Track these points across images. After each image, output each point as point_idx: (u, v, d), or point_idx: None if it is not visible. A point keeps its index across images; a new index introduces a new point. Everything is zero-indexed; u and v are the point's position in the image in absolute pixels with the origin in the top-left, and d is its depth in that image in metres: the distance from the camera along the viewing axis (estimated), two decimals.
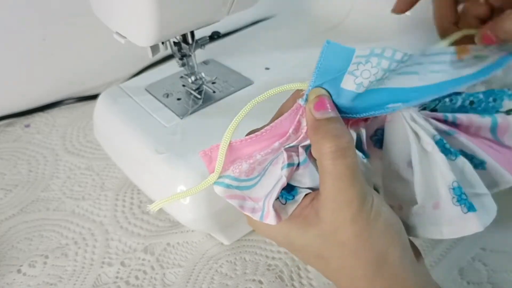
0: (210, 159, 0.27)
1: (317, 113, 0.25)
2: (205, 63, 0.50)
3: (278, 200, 0.27)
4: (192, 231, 0.43)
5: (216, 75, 0.48)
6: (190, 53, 0.44)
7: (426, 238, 0.29)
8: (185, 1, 0.36)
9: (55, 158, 0.54)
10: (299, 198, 0.27)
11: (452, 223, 0.28)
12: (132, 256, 0.41)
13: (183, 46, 0.43)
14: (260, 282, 0.38)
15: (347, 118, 0.27)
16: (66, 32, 0.61)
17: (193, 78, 0.46)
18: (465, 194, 0.27)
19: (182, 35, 0.42)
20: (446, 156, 0.27)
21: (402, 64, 0.26)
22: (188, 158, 0.37)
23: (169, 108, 0.43)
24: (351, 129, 0.29)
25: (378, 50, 0.25)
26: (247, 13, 0.44)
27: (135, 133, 0.41)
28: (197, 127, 0.41)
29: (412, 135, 0.28)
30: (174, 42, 0.43)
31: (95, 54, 0.64)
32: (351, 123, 0.29)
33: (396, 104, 0.27)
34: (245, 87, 0.46)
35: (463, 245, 0.39)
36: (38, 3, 0.57)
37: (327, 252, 0.26)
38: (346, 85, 0.26)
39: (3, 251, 0.43)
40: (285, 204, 0.27)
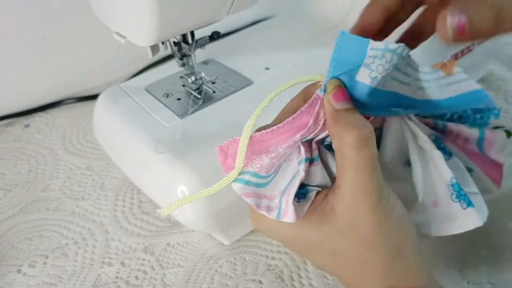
0: (225, 155, 0.26)
1: (336, 104, 0.25)
2: (205, 63, 0.50)
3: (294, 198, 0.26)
4: (192, 231, 0.43)
5: (216, 75, 0.48)
6: (190, 53, 0.44)
7: (426, 237, 0.29)
8: (185, 1, 0.36)
9: (55, 158, 0.54)
10: (311, 196, 0.27)
11: (452, 219, 0.28)
12: (132, 256, 0.41)
13: (183, 46, 0.43)
14: (260, 282, 0.38)
15: None
16: (66, 32, 0.61)
17: (193, 78, 0.46)
18: (463, 190, 0.27)
19: (182, 35, 0.42)
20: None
21: (405, 63, 0.26)
22: (188, 158, 0.37)
23: (169, 108, 0.43)
24: None
25: (392, 46, 0.25)
26: (247, 13, 0.44)
27: (135, 133, 0.41)
28: (197, 127, 0.41)
29: (409, 133, 0.29)
30: (174, 42, 0.43)
31: (95, 54, 0.64)
32: None
33: (399, 108, 0.27)
34: (245, 87, 0.46)
35: (463, 245, 0.39)
36: (38, 3, 0.57)
37: (344, 247, 0.26)
38: (361, 78, 0.25)
39: (3, 251, 0.43)
40: (298, 202, 0.26)
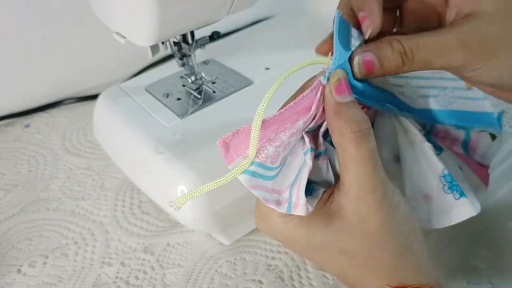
0: (227, 147, 0.24)
1: (338, 97, 0.24)
2: (205, 63, 0.50)
3: None
4: (192, 231, 0.43)
5: (216, 75, 0.48)
6: (190, 53, 0.44)
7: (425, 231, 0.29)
8: (185, 1, 0.36)
9: (55, 158, 0.54)
10: (318, 193, 0.26)
11: (446, 211, 0.28)
12: (132, 256, 0.41)
13: (183, 46, 0.43)
14: (260, 282, 0.38)
15: None
16: (66, 32, 0.61)
17: (193, 78, 0.46)
18: (455, 181, 0.27)
19: (182, 35, 0.42)
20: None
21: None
22: (188, 158, 0.37)
23: (169, 108, 0.43)
24: None
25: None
26: (247, 13, 0.44)
27: (135, 133, 0.41)
28: (197, 127, 0.41)
29: (400, 129, 0.29)
30: (174, 42, 0.43)
31: (95, 54, 0.64)
32: None
33: (393, 107, 0.28)
34: (245, 87, 0.46)
35: (463, 245, 0.39)
36: (38, 3, 0.57)
37: (352, 245, 0.25)
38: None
39: (3, 251, 0.43)
40: (306, 198, 0.26)
